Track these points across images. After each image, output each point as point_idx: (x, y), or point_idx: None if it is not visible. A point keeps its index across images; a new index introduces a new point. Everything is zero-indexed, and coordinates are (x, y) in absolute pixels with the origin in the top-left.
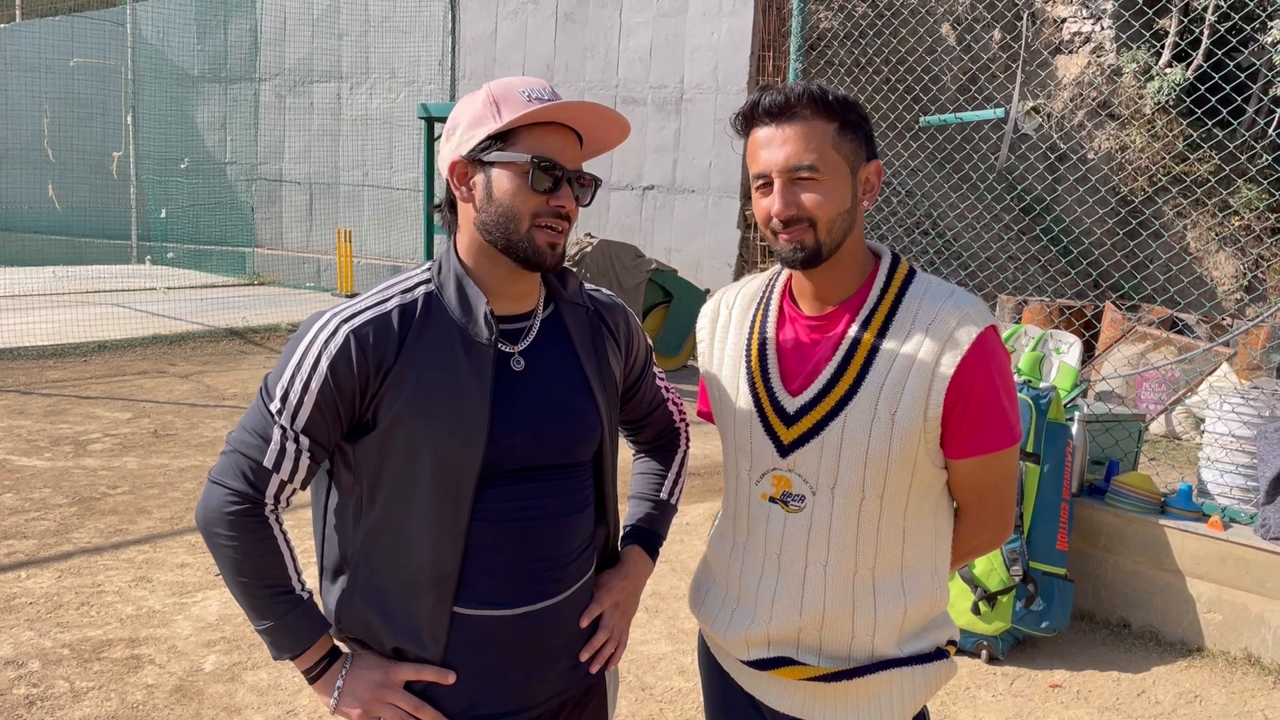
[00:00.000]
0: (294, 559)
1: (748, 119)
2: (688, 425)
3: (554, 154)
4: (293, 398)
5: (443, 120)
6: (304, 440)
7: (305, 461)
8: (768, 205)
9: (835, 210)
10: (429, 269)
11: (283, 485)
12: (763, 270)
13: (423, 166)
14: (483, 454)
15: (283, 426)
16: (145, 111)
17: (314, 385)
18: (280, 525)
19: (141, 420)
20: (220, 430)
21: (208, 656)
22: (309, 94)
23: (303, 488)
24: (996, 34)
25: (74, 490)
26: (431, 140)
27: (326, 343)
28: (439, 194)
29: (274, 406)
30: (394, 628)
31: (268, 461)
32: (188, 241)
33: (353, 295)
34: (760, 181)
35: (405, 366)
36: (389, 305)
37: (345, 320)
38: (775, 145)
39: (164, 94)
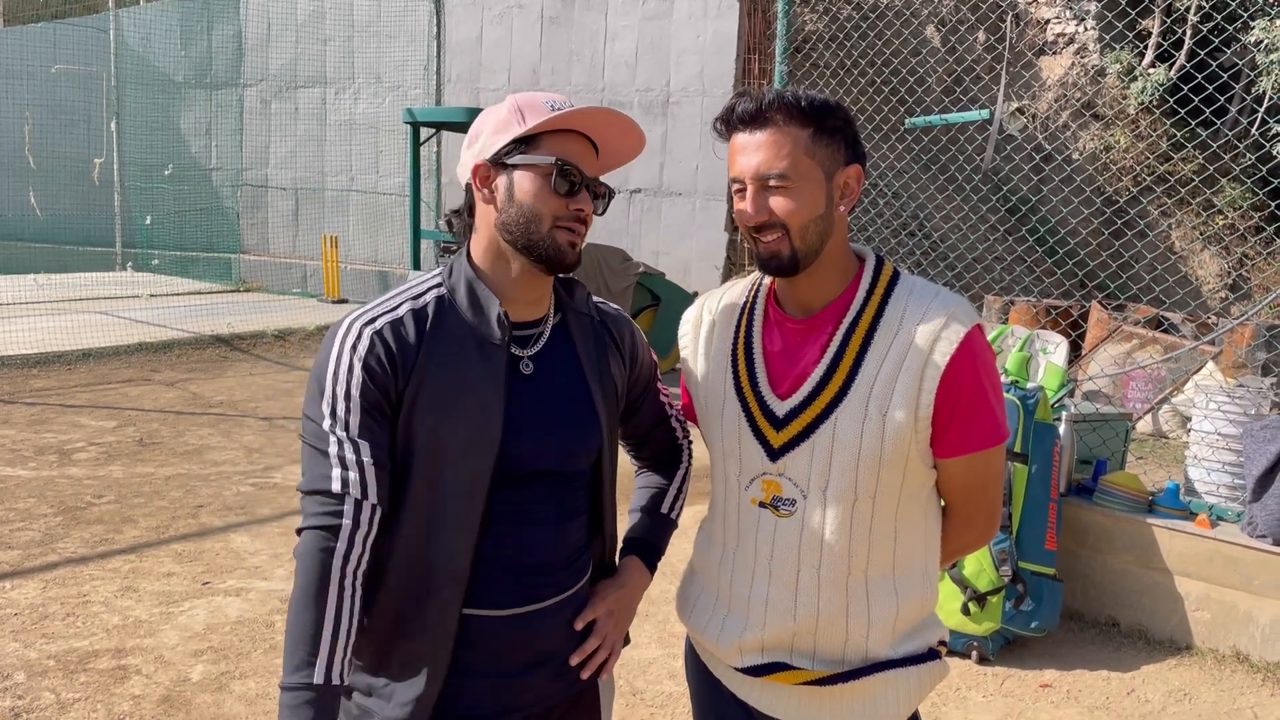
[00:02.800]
0: (336, 637)
1: (726, 124)
2: (691, 443)
3: (573, 159)
4: (340, 408)
5: (428, 125)
6: (364, 445)
7: (372, 470)
8: (742, 209)
9: (807, 216)
10: (439, 274)
11: (359, 506)
12: (750, 272)
13: (409, 171)
14: (496, 455)
15: (339, 439)
16: (129, 118)
17: (354, 390)
18: (345, 582)
19: (127, 429)
20: (207, 438)
21: (195, 666)
22: (294, 99)
23: (382, 504)
24: (981, 35)
25: (59, 500)
26: (417, 145)
27: (354, 346)
28: (426, 199)
29: (326, 424)
30: (401, 630)
31: (336, 485)
32: (173, 248)
33: (339, 301)
34: (736, 186)
35: (424, 367)
36: (400, 311)
37: (366, 323)
38: (749, 151)
39: (148, 100)
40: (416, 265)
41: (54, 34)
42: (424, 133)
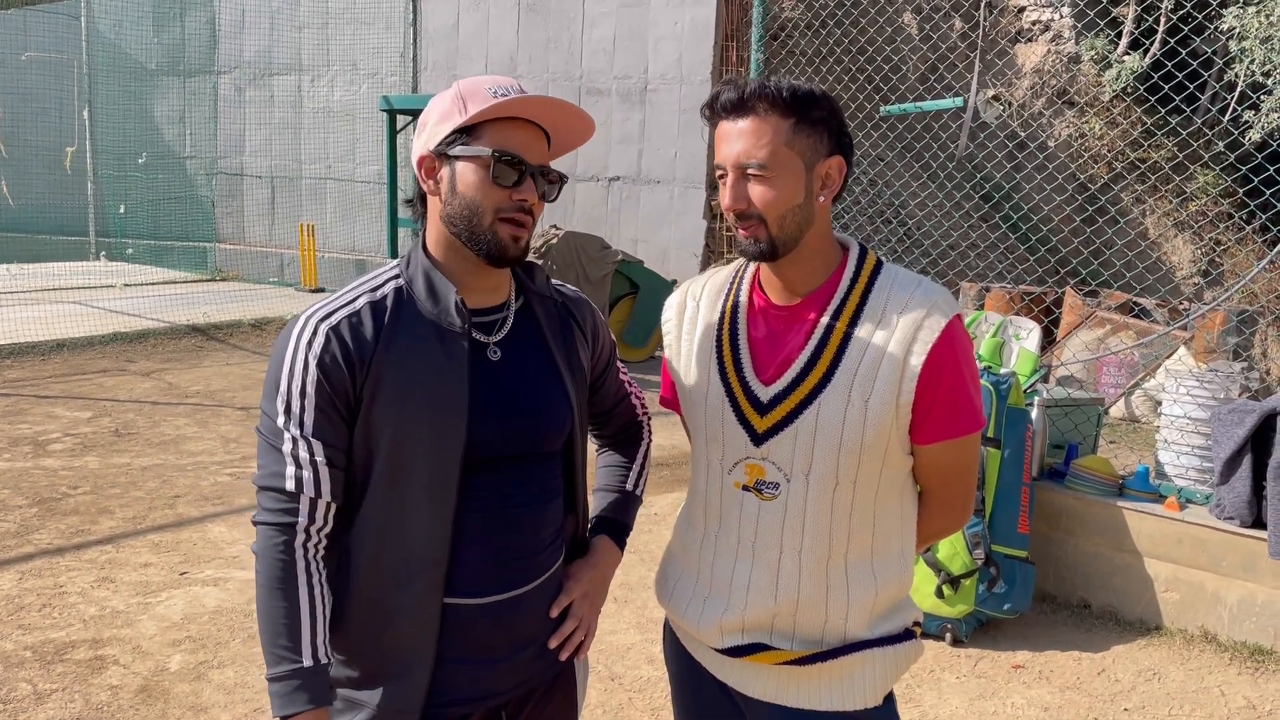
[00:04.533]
0: (314, 617)
1: (711, 111)
2: (649, 418)
3: (517, 149)
4: (294, 406)
5: (405, 113)
6: (317, 445)
7: (326, 470)
8: (724, 196)
9: (784, 206)
10: (397, 266)
11: (314, 504)
12: (729, 260)
13: (386, 160)
14: (465, 441)
15: (293, 437)
16: (102, 106)
17: (310, 389)
18: (310, 568)
19: (102, 419)
20: (183, 428)
21: (173, 656)
22: (269, 87)
23: (336, 500)
24: (957, 23)
25: (34, 491)
26: (394, 133)
27: (310, 344)
28: (403, 187)
29: (280, 421)
30: (383, 621)
31: (290, 484)
32: (147, 237)
33: (317, 290)
34: (719, 173)
35: (384, 360)
36: (358, 304)
37: (321, 319)
38: (731, 139)
39: (120, 88)
40: (394, 254)
41: (24, 20)
42: (401, 120)
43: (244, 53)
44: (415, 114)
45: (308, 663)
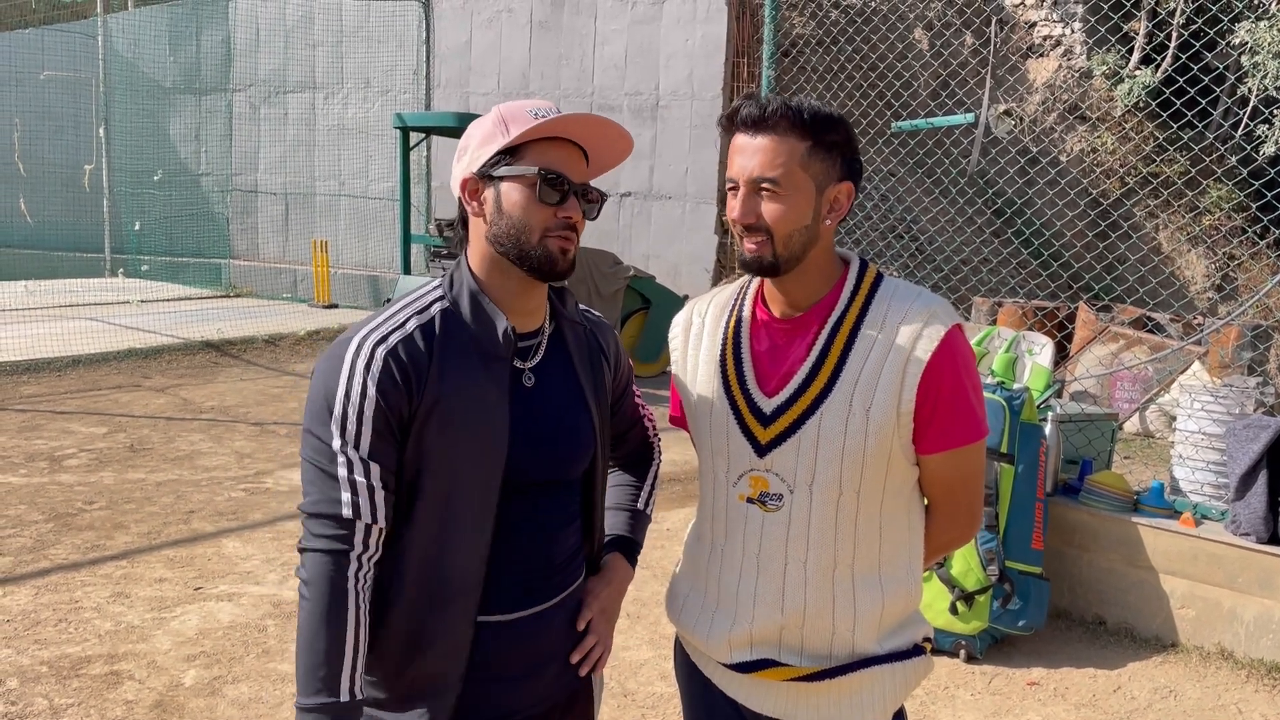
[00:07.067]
0: (356, 652)
1: (729, 124)
2: (660, 439)
3: (559, 167)
4: (350, 429)
5: (418, 130)
6: (374, 467)
7: (381, 494)
8: (733, 207)
9: (792, 226)
10: (440, 285)
11: (369, 530)
12: (739, 276)
13: (399, 176)
14: (504, 467)
15: (349, 460)
16: (118, 124)
17: (368, 411)
18: (359, 600)
19: (117, 435)
20: (198, 444)
21: (188, 671)
22: (283, 104)
23: (388, 526)
24: (968, 38)
25: (50, 506)
26: (407, 150)
27: (368, 367)
28: (416, 203)
29: (335, 444)
30: (416, 644)
31: (346, 510)
32: (162, 254)
33: (330, 306)
34: (731, 185)
35: (436, 383)
36: (409, 327)
37: (378, 342)
38: (746, 154)
39: (137, 106)
40: (407, 270)
41: (42, 40)
42: (414, 137)
43: (259, 70)
44: (428, 131)
45: (344, 698)
